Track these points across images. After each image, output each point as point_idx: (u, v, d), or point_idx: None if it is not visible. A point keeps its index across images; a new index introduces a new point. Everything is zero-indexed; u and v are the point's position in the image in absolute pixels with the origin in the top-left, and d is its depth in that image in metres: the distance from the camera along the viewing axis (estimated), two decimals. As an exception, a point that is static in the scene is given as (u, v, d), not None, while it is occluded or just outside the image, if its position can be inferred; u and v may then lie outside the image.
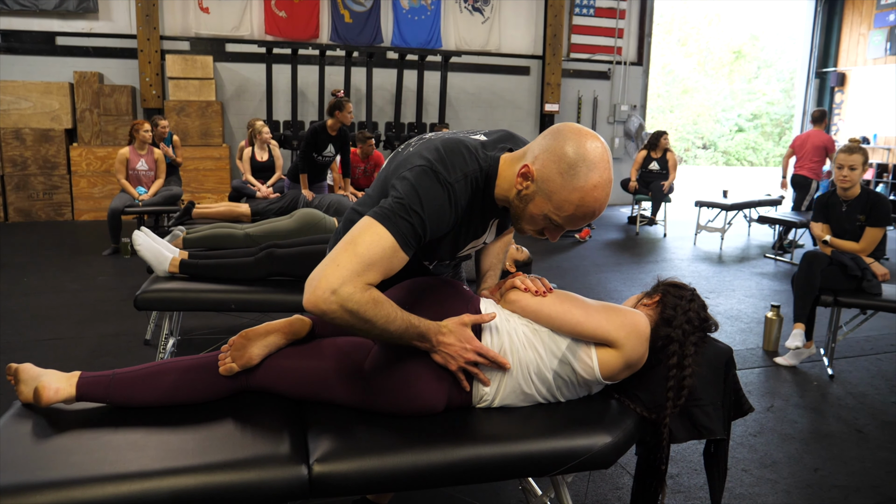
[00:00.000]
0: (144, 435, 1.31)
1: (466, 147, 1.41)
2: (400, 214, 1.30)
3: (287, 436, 1.33)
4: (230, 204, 4.77)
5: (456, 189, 1.35)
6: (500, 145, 1.48)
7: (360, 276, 1.26)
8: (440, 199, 1.33)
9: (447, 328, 1.41)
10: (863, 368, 3.60)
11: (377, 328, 1.31)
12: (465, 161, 1.39)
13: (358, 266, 1.26)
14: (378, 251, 1.28)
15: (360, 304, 1.26)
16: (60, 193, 7.76)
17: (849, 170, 3.54)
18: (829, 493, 2.34)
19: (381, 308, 1.29)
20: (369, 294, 1.28)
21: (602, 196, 1.32)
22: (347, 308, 1.25)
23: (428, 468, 1.29)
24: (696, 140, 24.77)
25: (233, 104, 8.64)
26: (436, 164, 1.35)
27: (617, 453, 1.40)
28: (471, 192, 1.40)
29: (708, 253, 6.92)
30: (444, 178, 1.33)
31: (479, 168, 1.40)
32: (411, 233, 1.31)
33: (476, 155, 1.41)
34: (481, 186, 1.42)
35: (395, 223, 1.30)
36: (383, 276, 1.31)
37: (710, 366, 1.57)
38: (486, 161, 1.41)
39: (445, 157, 1.37)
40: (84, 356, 3.42)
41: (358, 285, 1.26)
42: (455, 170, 1.36)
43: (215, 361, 1.48)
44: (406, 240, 1.31)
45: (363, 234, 1.30)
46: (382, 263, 1.29)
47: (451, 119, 9.46)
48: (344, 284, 1.25)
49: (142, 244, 2.50)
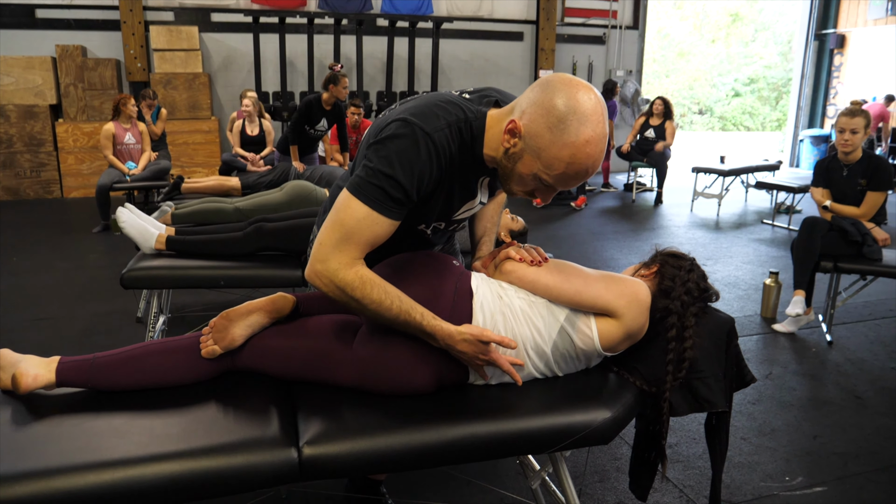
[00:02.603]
0: (127, 420, 1.26)
1: (448, 100, 1.34)
2: (369, 181, 1.26)
3: (275, 418, 1.28)
4: (219, 178, 4.68)
5: (436, 139, 1.27)
6: (485, 99, 1.39)
7: (342, 250, 1.26)
8: (416, 153, 1.25)
9: (462, 336, 1.32)
10: (861, 334, 3.58)
11: (369, 310, 1.29)
12: (448, 111, 1.31)
13: (338, 240, 1.26)
14: (353, 223, 1.26)
15: (347, 280, 1.26)
16: (48, 171, 7.64)
17: (850, 133, 3.47)
18: (829, 460, 2.32)
19: (370, 289, 1.27)
20: (355, 271, 1.27)
21: (595, 152, 1.23)
22: (336, 283, 1.27)
23: (421, 448, 1.24)
24: (692, 105, 24.55)
25: (220, 76, 8.47)
26: (410, 118, 1.27)
27: (617, 428, 1.36)
28: (459, 142, 1.32)
29: (705, 220, 6.87)
30: (420, 129, 1.25)
31: (465, 118, 1.32)
32: (385, 196, 1.26)
33: (460, 105, 1.33)
34: (468, 139, 1.33)
35: (364, 191, 1.26)
36: (368, 246, 1.29)
37: (711, 337, 1.52)
38: (472, 113, 1.34)
39: (424, 109, 1.30)
40: (75, 336, 3.37)
41: (342, 260, 1.26)
42: (437, 119, 1.28)
43: (198, 342, 1.43)
44: (382, 205, 1.26)
45: (339, 208, 1.29)
46: (363, 234, 1.27)
47: (443, 87, 9.30)
48: (328, 259, 1.26)
49: (126, 221, 2.43)
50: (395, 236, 1.40)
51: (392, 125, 1.28)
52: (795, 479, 2.21)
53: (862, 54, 10.64)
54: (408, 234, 1.48)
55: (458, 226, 1.59)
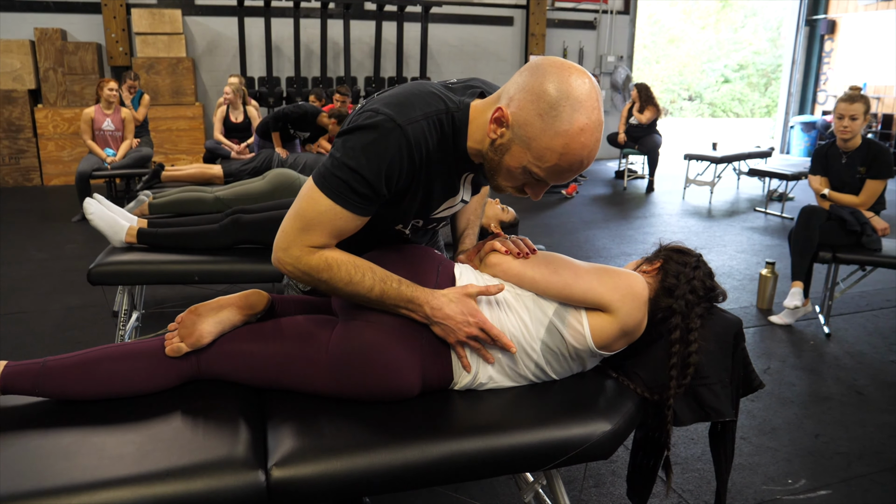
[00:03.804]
0: (78, 438, 1.14)
1: (428, 90, 1.23)
2: (333, 172, 1.18)
3: (243, 434, 1.16)
4: (201, 166, 4.53)
5: (409, 132, 1.16)
6: (469, 90, 1.29)
7: (302, 238, 1.22)
8: (384, 146, 1.15)
9: (447, 297, 1.27)
10: (859, 326, 3.50)
11: (341, 290, 1.25)
12: (427, 102, 1.20)
13: (298, 229, 1.22)
14: (315, 214, 1.20)
15: (312, 265, 1.23)
16: (27, 158, 7.43)
17: (849, 120, 3.36)
18: (832, 461, 2.24)
19: (337, 269, 1.23)
20: (320, 255, 1.23)
21: (590, 141, 1.12)
22: (300, 269, 1.24)
23: (403, 468, 1.12)
24: (681, 91, 24.46)
25: (205, 60, 8.26)
26: (383, 109, 1.17)
27: (617, 442, 1.25)
28: (438, 136, 1.21)
29: (697, 207, 6.78)
30: (391, 121, 1.15)
31: (446, 109, 1.22)
32: (348, 191, 1.18)
33: (441, 96, 1.23)
34: (449, 132, 1.22)
35: (328, 183, 1.19)
36: (330, 237, 1.23)
37: (717, 339, 1.41)
38: (454, 104, 1.23)
39: (401, 99, 1.20)
40: (48, 330, 3.23)
41: (303, 248, 1.22)
42: (412, 109, 1.18)
43: (160, 347, 1.30)
44: (345, 199, 1.18)
45: (303, 196, 1.23)
46: (323, 225, 1.21)
47: (432, 73, 9.13)
48: (290, 247, 1.23)
49: (94, 213, 2.28)
50: (371, 236, 1.30)
51: (363, 115, 1.19)
52: (798, 482, 2.12)
53: (853, 40, 10.53)
54: (385, 235, 1.37)
55: (439, 224, 1.48)
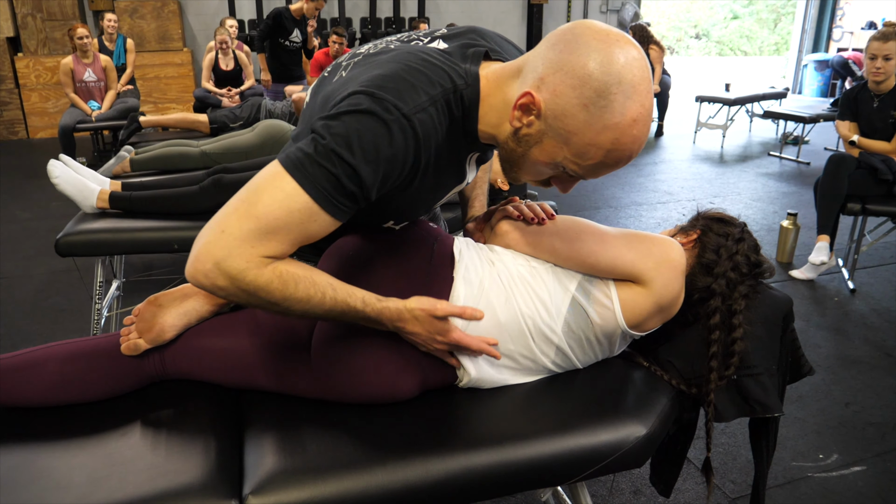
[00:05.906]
0: (20, 461, 0.96)
1: (425, 59, 0.96)
2: (317, 161, 0.86)
3: (214, 452, 0.98)
4: (185, 112, 4.29)
5: (417, 124, 0.91)
6: (471, 49, 1.00)
7: (255, 247, 0.86)
8: (386, 139, 0.88)
9: (412, 313, 1.00)
10: (884, 280, 3.31)
11: (294, 311, 0.93)
12: (430, 79, 0.94)
13: (252, 232, 0.86)
14: (283, 213, 0.86)
15: (259, 283, 0.88)
16: (11, 110, 7.14)
17: (882, 60, 3.10)
18: (865, 433, 2.09)
19: (294, 286, 0.90)
20: (272, 270, 0.89)
21: (642, 133, 0.89)
22: (241, 286, 0.88)
23: (403, 490, 0.95)
24: (688, 29, 23.69)
25: (192, 3, 7.85)
26: (380, 94, 0.89)
27: (652, 447, 1.08)
28: (448, 123, 0.96)
29: (708, 152, 6.52)
30: (397, 110, 0.89)
31: (453, 86, 0.96)
32: (336, 187, 0.87)
33: (443, 67, 0.96)
34: (458, 115, 0.97)
35: (307, 172, 0.87)
36: (292, 245, 0.90)
37: (765, 323, 1.22)
38: (461, 78, 0.97)
39: (397, 77, 0.92)
40: (29, 297, 3.06)
41: (252, 259, 0.87)
42: (416, 93, 0.91)
43: (117, 344, 1.12)
44: (329, 198, 0.87)
45: (265, 188, 0.88)
46: (291, 230, 0.88)
47: (431, 13, 8.71)
48: (231, 257, 0.86)
49: (59, 176, 2.06)
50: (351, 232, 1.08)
51: (354, 98, 0.89)
52: (830, 458, 1.97)
53: (873, -29, 10.02)
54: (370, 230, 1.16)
55: None
